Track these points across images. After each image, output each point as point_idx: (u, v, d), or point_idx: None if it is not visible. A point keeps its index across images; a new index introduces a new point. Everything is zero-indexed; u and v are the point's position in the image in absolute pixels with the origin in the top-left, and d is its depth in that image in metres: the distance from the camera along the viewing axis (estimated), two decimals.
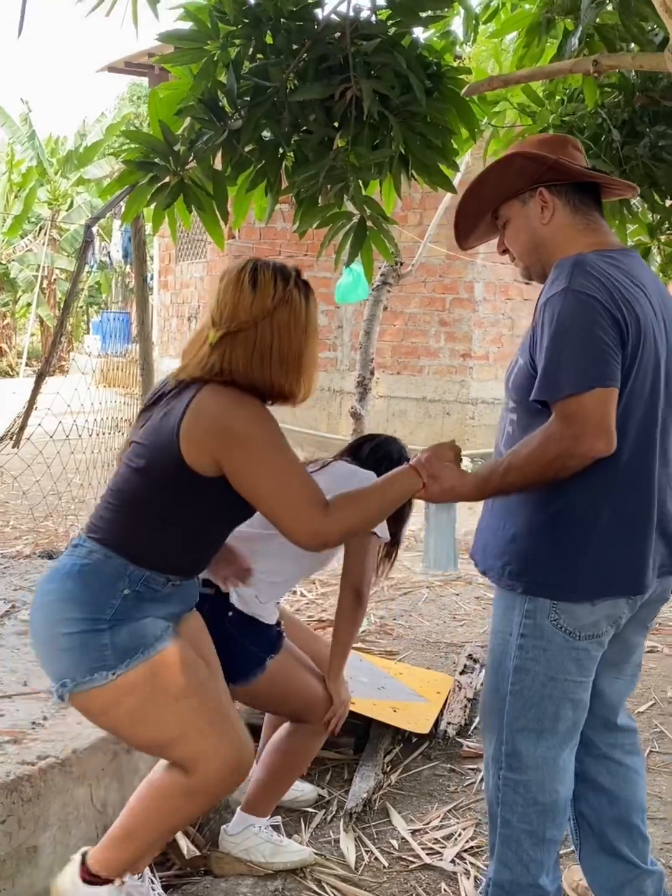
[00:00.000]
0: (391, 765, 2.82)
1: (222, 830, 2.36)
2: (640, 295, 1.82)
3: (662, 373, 1.84)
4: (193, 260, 11.73)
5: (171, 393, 1.92)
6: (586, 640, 1.85)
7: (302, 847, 2.36)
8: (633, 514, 1.84)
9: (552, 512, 1.84)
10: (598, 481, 1.80)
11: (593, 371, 1.71)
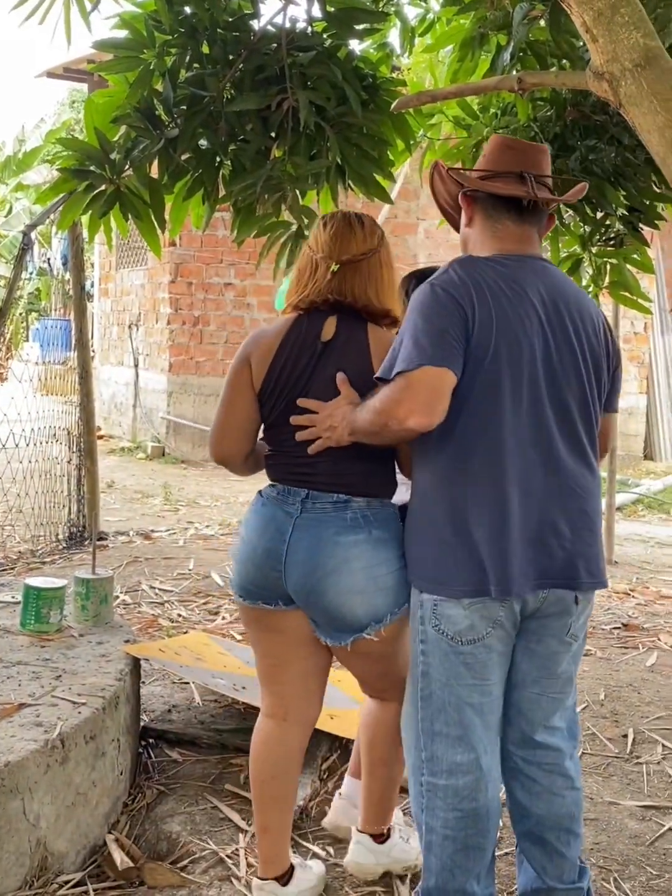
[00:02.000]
0: (328, 772, 2.84)
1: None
2: (512, 298, 1.93)
3: (540, 377, 1.94)
4: (134, 267, 11.66)
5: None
6: (469, 645, 1.90)
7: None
8: (485, 515, 1.90)
9: (415, 507, 2.01)
10: (440, 468, 1.94)
11: (428, 352, 1.84)
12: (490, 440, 1.91)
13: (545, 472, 1.94)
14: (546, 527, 1.94)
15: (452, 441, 1.92)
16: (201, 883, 2.26)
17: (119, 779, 2.61)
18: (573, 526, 1.96)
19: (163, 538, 6.44)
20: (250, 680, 3.12)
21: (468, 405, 1.90)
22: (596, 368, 2.02)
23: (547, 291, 1.99)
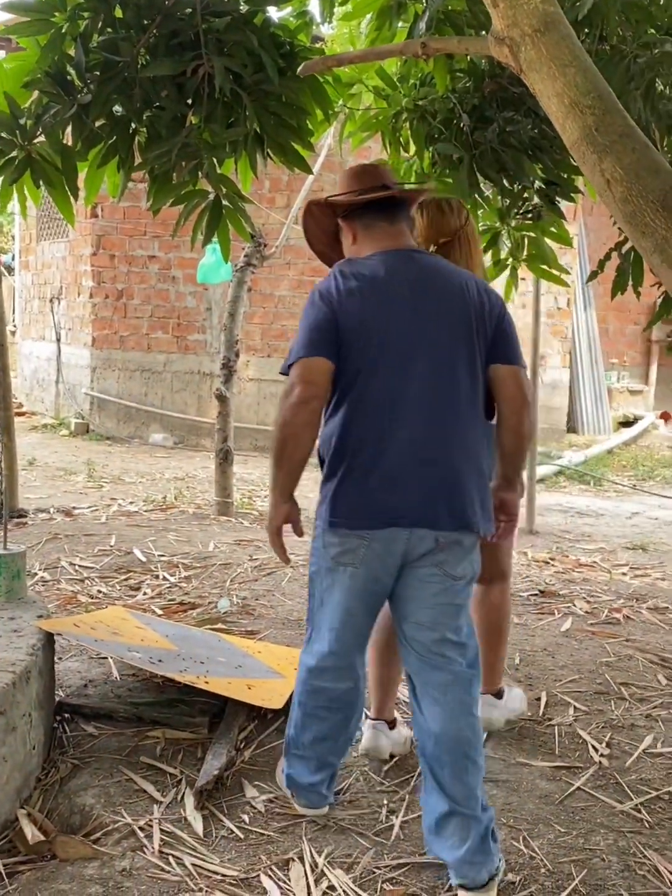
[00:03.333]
0: (245, 742, 2.84)
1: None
2: (383, 285, 2.34)
3: (414, 340, 2.32)
4: (55, 239, 11.41)
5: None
6: (341, 566, 2.32)
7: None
8: (349, 454, 2.31)
9: (322, 455, 2.40)
10: (331, 426, 2.35)
11: (306, 350, 2.29)
12: (371, 397, 2.30)
13: (421, 423, 2.30)
14: (415, 470, 2.28)
15: (343, 405, 2.32)
16: (113, 854, 2.24)
17: (31, 754, 2.58)
18: (439, 471, 2.29)
19: (84, 515, 6.36)
20: (167, 653, 3.11)
21: (356, 369, 2.30)
22: (469, 329, 2.36)
23: (416, 273, 2.39)
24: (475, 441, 2.36)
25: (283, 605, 4.18)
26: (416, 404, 2.30)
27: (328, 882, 2.17)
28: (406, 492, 2.27)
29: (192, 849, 2.29)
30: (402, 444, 2.28)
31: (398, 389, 2.30)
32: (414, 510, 2.27)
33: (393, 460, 2.28)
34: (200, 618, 4.04)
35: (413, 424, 2.29)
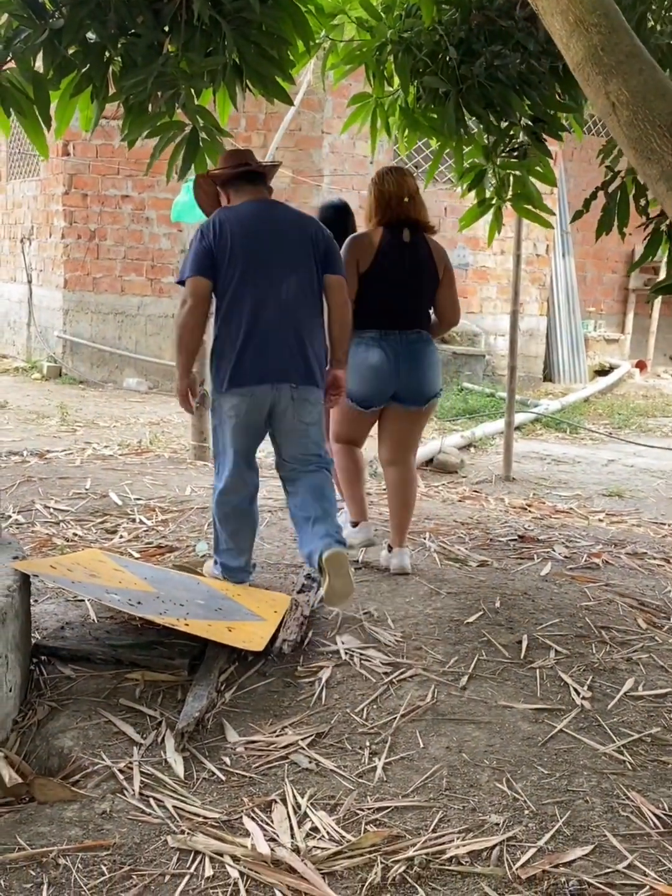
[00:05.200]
0: (226, 684, 2.81)
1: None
2: (247, 225, 3.37)
3: (268, 259, 3.37)
4: (26, 178, 11.14)
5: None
6: (231, 419, 3.37)
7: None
8: (230, 340, 3.36)
9: (213, 340, 3.45)
10: (218, 323, 3.40)
11: (192, 271, 3.35)
12: (239, 296, 3.34)
13: (276, 315, 3.34)
14: (274, 346, 3.34)
15: (223, 306, 3.37)
16: (93, 797, 2.22)
17: (8, 696, 2.54)
18: (295, 344, 3.37)
19: (59, 458, 6.26)
20: (146, 595, 3.06)
21: (229, 281, 3.34)
22: (309, 249, 3.42)
23: (269, 214, 3.45)
24: (316, 326, 3.45)
25: (262, 549, 4.14)
26: (274, 300, 3.35)
27: (311, 823, 2.16)
28: (270, 360, 3.34)
29: (173, 791, 2.27)
30: (265, 327, 3.33)
31: (261, 291, 3.34)
32: (276, 372, 3.35)
33: (259, 339, 3.34)
34: (178, 561, 3.99)
35: (272, 313, 3.34)
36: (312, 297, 3.44)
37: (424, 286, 3.86)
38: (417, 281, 3.82)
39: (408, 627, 3.24)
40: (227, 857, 2.02)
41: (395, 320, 3.79)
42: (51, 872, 1.94)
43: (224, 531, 3.50)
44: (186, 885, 1.93)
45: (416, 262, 3.81)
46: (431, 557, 4.02)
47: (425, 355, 3.83)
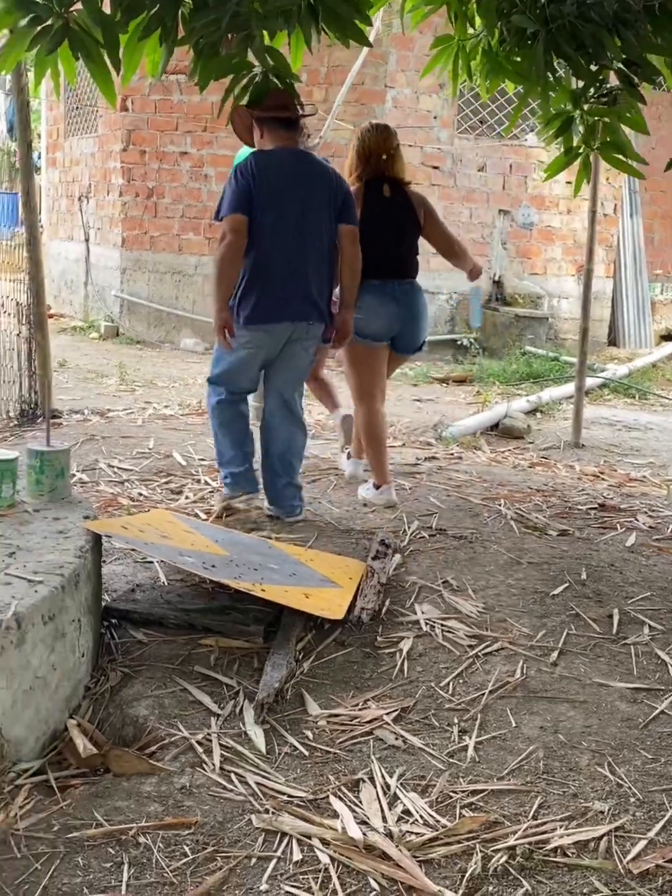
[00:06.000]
0: (303, 653, 2.69)
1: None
2: (281, 171, 3.66)
3: (295, 206, 3.66)
4: (84, 135, 11.01)
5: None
6: (246, 351, 3.74)
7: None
8: (254, 277, 3.66)
9: (240, 278, 3.70)
10: (246, 263, 3.66)
11: (231, 209, 3.59)
12: (270, 239, 3.63)
13: (297, 257, 3.68)
14: (295, 286, 3.68)
15: (254, 242, 3.62)
16: (171, 770, 2.10)
17: (80, 661, 2.43)
18: (314, 286, 3.72)
19: (120, 417, 6.18)
20: (219, 559, 2.95)
21: (260, 223, 3.61)
22: (329, 198, 3.72)
23: (297, 163, 3.71)
24: (330, 270, 3.82)
25: (331, 513, 4.01)
26: (296, 243, 3.68)
27: (402, 806, 2.03)
28: (291, 299, 3.69)
29: (255, 766, 2.15)
30: (287, 267, 3.67)
31: (284, 234, 3.65)
32: (296, 310, 3.71)
33: (281, 278, 3.67)
34: (245, 523, 3.87)
35: (293, 255, 3.68)
36: (329, 243, 3.78)
37: (409, 236, 4.19)
38: (402, 232, 4.16)
39: (489, 598, 3.08)
40: (315, 841, 1.89)
41: (386, 271, 4.09)
42: (131, 851, 1.83)
43: (224, 440, 3.92)
44: (274, 870, 1.81)
45: (399, 214, 4.16)
46: (508, 525, 3.85)
47: (418, 304, 4.23)
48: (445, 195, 10.13)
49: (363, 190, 4.08)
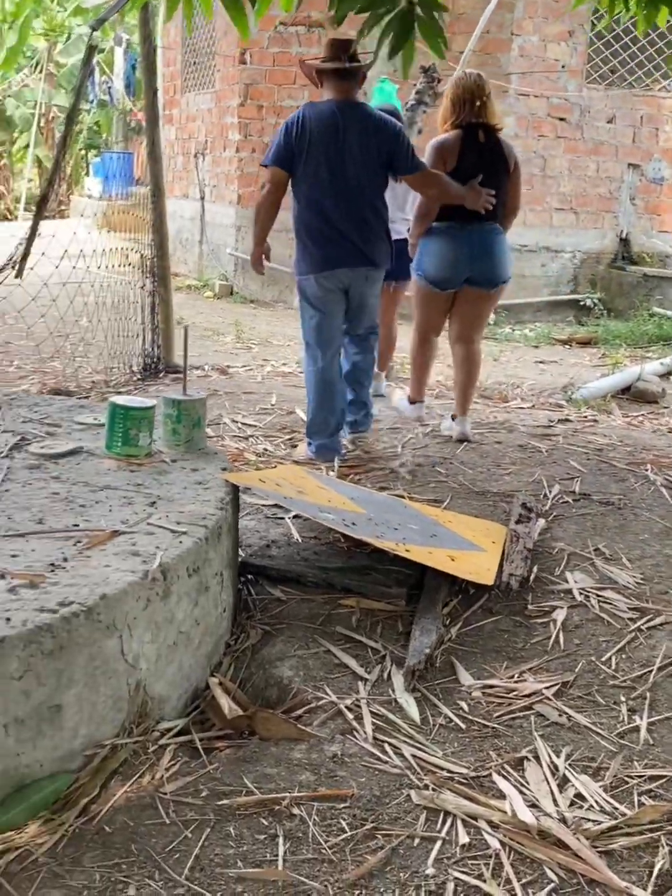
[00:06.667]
0: (450, 618, 2.52)
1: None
2: (324, 123, 3.77)
3: (340, 156, 3.79)
4: (200, 90, 10.92)
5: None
6: (314, 301, 3.95)
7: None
8: (310, 228, 3.88)
9: (294, 230, 3.98)
10: (297, 212, 3.92)
11: (272, 161, 3.82)
12: (315, 190, 3.82)
13: (346, 203, 3.82)
14: (345, 233, 3.84)
15: (300, 194, 3.88)
16: (321, 737, 1.97)
17: (222, 617, 2.32)
18: (362, 233, 3.88)
19: (239, 374, 6.10)
20: (359, 517, 2.79)
21: (301, 176, 3.82)
22: (377, 150, 3.84)
23: (347, 113, 3.81)
24: (383, 215, 3.97)
25: (464, 474, 3.82)
26: (348, 191, 3.83)
27: (574, 789, 1.85)
28: (347, 246, 3.86)
29: (409, 737, 2.00)
30: (340, 216, 3.82)
31: (336, 183, 3.80)
32: (353, 256, 3.88)
33: (336, 227, 3.83)
34: (375, 481, 3.72)
35: (346, 204, 3.83)
36: (380, 190, 3.95)
37: (499, 182, 4.24)
38: (493, 178, 4.21)
39: (647, 569, 2.85)
40: (482, 823, 1.73)
41: (473, 213, 4.18)
42: (285, 824, 1.71)
43: (318, 409, 4.03)
44: (440, 852, 1.66)
45: (492, 160, 4.23)
46: (658, 492, 3.59)
47: (498, 244, 4.31)
48: (571, 148, 9.70)
49: (461, 135, 4.21)
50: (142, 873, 1.57)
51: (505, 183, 4.28)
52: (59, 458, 2.62)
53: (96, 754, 1.82)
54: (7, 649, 1.65)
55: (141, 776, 1.82)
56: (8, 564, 1.93)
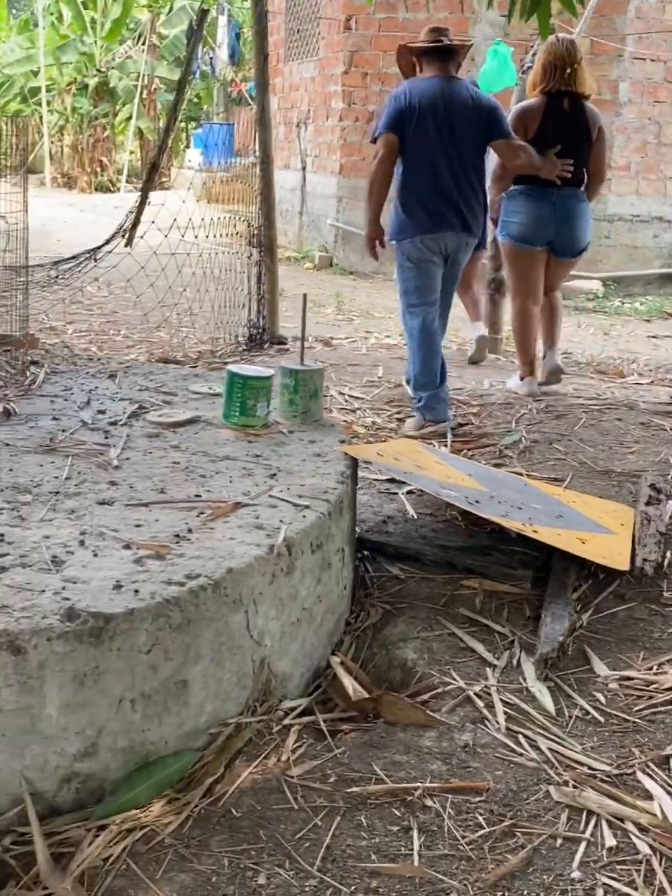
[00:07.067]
0: (580, 604, 2.39)
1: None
2: (428, 95, 3.96)
3: (443, 126, 3.99)
4: (304, 59, 10.80)
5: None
6: (415, 263, 4.09)
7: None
8: (413, 194, 4.02)
9: (396, 194, 4.11)
10: (402, 177, 4.04)
11: (385, 128, 3.98)
12: (423, 156, 3.99)
13: (451, 170, 4.01)
14: (451, 199, 4.02)
15: (410, 159, 4.01)
16: (451, 724, 1.88)
17: (343, 594, 2.25)
18: (467, 201, 4.05)
19: (343, 345, 6.02)
20: (481, 495, 2.68)
21: (412, 143, 3.98)
22: (477, 119, 4.02)
23: (447, 88, 4.01)
24: (480, 182, 4.13)
25: (584, 452, 3.66)
26: (449, 160, 4.00)
27: None
28: (447, 211, 4.02)
29: (544, 729, 1.89)
30: (442, 182, 4.00)
31: (439, 152, 3.99)
32: (458, 221, 4.04)
33: (438, 193, 3.99)
34: (489, 457, 3.60)
35: (447, 171, 4.00)
36: (478, 158, 4.14)
37: (581, 150, 4.43)
38: (576, 145, 4.40)
39: None
40: (629, 825, 1.61)
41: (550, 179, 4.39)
42: (419, 816, 1.62)
43: (422, 365, 4.12)
44: (585, 854, 1.55)
45: (575, 129, 4.41)
46: None
47: (579, 211, 4.50)
48: None
49: (545, 103, 4.42)
50: (271, 861, 1.51)
51: (586, 152, 4.45)
52: (178, 427, 2.57)
53: (220, 732, 1.77)
54: (136, 622, 1.60)
55: (266, 757, 1.75)
56: (133, 534, 1.88)
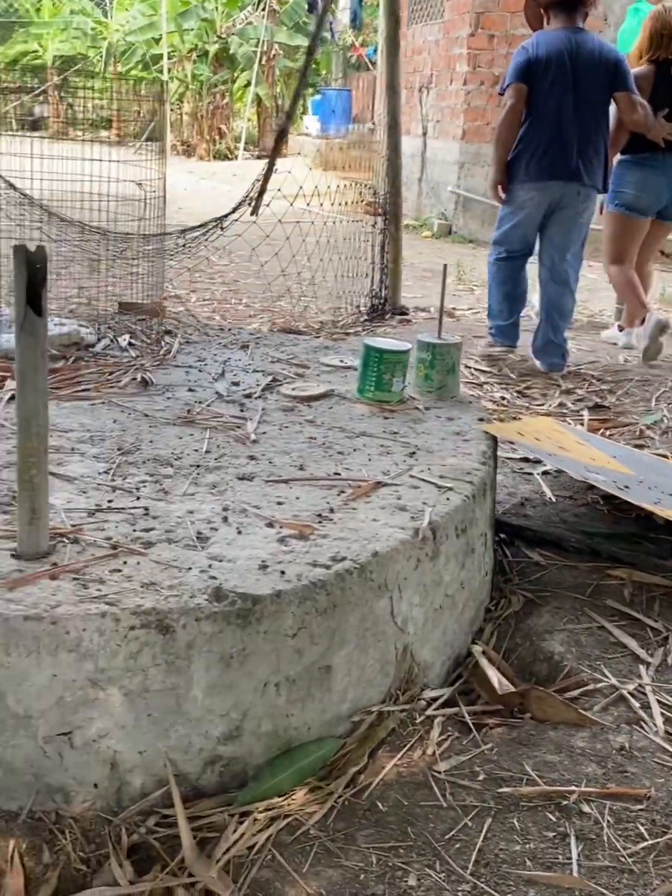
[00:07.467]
0: None
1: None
2: (555, 47, 4.22)
3: (568, 77, 4.22)
4: (428, 21, 10.55)
5: None
6: (524, 206, 4.36)
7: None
8: (533, 140, 4.28)
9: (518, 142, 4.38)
10: (524, 126, 4.32)
11: (513, 79, 4.28)
12: (546, 106, 4.24)
13: (576, 120, 4.21)
14: (569, 148, 4.21)
15: (532, 109, 4.28)
16: (605, 725, 1.77)
17: (484, 581, 2.16)
18: (584, 151, 4.24)
19: (466, 316, 5.87)
20: (629, 479, 2.53)
21: (538, 92, 4.24)
22: (601, 71, 4.24)
23: (574, 40, 4.25)
24: (603, 136, 4.28)
25: None
26: (570, 111, 4.20)
27: None
28: (566, 160, 4.20)
29: None
30: (564, 132, 4.18)
31: (562, 102, 4.20)
32: (570, 171, 4.22)
33: (558, 141, 4.19)
34: (629, 438, 3.43)
35: (570, 121, 4.19)
36: (602, 111, 4.29)
37: None
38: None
39: None
40: None
41: (667, 145, 4.55)
42: (575, 822, 1.53)
43: (498, 295, 4.53)
44: None
45: None
46: None
47: None
48: None
49: (654, 71, 4.59)
50: (421, 861, 1.44)
51: None
52: (312, 401, 2.51)
53: (363, 721, 1.71)
54: (283, 605, 1.55)
55: (410, 749, 1.68)
56: (275, 512, 1.82)
